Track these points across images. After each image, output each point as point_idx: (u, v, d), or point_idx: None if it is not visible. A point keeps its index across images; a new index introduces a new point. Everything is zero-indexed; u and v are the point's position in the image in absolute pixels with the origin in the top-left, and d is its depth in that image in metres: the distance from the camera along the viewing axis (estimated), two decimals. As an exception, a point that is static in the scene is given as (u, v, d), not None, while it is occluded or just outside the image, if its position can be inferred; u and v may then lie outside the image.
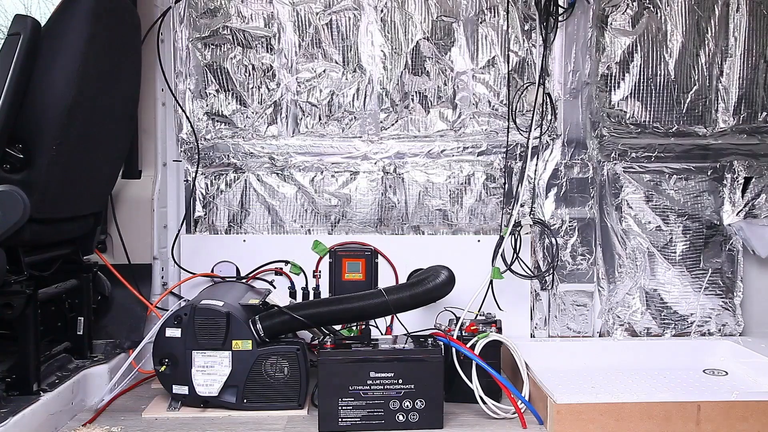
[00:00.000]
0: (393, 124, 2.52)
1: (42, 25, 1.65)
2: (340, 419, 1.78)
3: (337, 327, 2.07)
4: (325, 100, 2.51)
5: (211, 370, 1.88)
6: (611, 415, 1.67)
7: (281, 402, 1.90)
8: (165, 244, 2.46)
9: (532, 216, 2.48)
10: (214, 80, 2.49)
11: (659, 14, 2.47)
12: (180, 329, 1.88)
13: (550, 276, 2.47)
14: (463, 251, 2.43)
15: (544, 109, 2.49)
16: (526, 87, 2.50)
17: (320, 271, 2.30)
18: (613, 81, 2.49)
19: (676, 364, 2.22)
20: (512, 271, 2.37)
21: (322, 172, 2.52)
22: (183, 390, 1.89)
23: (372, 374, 1.76)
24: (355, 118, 2.51)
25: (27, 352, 1.74)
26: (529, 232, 2.46)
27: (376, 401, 1.78)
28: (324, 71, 2.49)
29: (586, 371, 2.20)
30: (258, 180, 2.52)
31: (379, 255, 2.19)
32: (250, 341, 1.88)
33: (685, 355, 2.28)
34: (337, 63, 2.50)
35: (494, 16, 2.50)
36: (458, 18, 2.49)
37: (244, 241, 2.48)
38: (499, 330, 2.03)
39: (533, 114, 2.47)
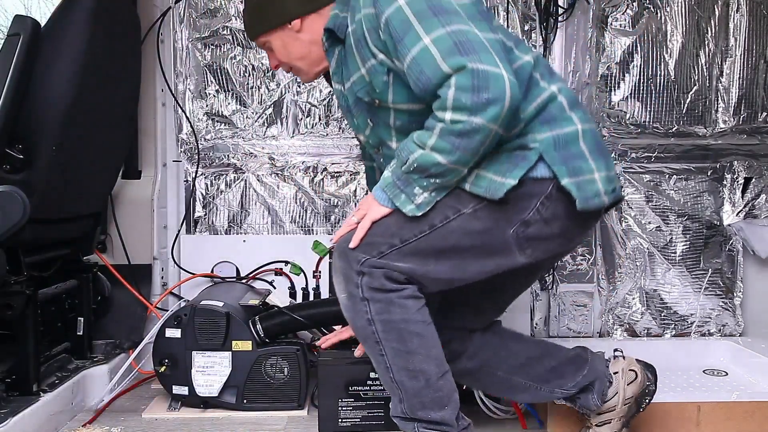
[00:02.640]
0: (393, 125, 2.52)
1: (42, 25, 1.65)
2: (340, 420, 1.78)
3: (337, 327, 2.07)
4: (324, 100, 2.51)
5: (211, 370, 1.88)
6: (611, 416, 1.67)
7: (281, 402, 1.90)
8: (165, 244, 2.46)
9: (532, 216, 2.47)
10: (214, 80, 2.49)
11: (659, 14, 2.47)
12: (180, 330, 1.88)
13: (550, 276, 2.47)
14: (463, 251, 2.43)
15: (544, 109, 2.48)
16: (526, 87, 2.49)
17: (320, 272, 2.29)
18: (613, 81, 2.49)
19: (676, 364, 2.22)
20: (512, 272, 2.37)
21: (322, 172, 2.52)
22: (183, 390, 1.89)
23: (372, 375, 1.76)
24: (355, 118, 2.51)
25: (27, 352, 1.74)
26: (529, 233, 2.46)
27: (376, 402, 1.78)
28: (324, 71, 2.49)
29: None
30: (258, 180, 2.52)
31: (379, 255, 2.18)
32: (249, 342, 1.88)
33: (685, 356, 2.29)
34: (337, 63, 2.49)
35: (494, 16, 2.49)
36: (458, 18, 2.49)
37: (244, 241, 2.48)
38: (499, 330, 2.03)
39: (533, 114, 2.47)
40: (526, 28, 2.49)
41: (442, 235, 1.35)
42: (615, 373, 1.61)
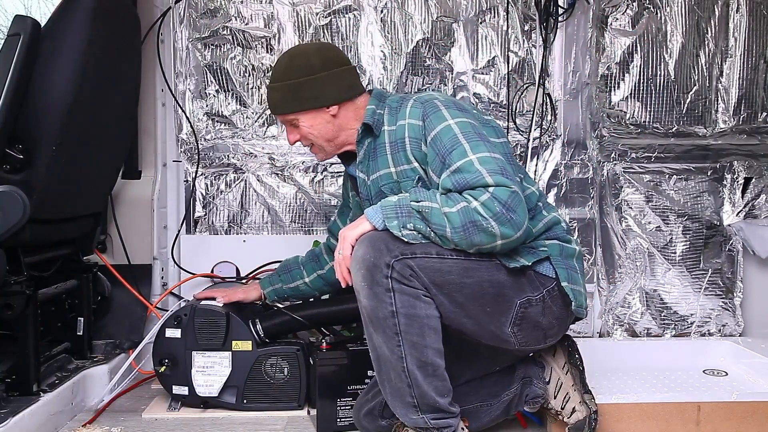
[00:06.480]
0: (393, 125, 2.52)
1: (42, 25, 1.66)
2: (338, 419, 1.78)
3: (337, 327, 2.07)
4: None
5: (210, 370, 1.88)
6: (611, 416, 1.67)
7: (281, 402, 1.90)
8: (165, 244, 2.46)
9: (532, 216, 2.47)
10: (214, 80, 2.49)
11: (659, 14, 2.47)
12: (180, 330, 1.88)
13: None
14: (463, 251, 2.43)
15: (544, 109, 2.49)
16: (526, 87, 2.50)
17: (320, 272, 2.29)
18: (613, 81, 2.49)
19: (676, 364, 2.22)
20: (512, 272, 2.37)
21: (322, 172, 2.53)
22: (183, 390, 1.89)
23: (370, 373, 1.76)
24: (355, 118, 2.51)
25: (27, 352, 1.74)
26: (529, 233, 2.46)
27: (375, 401, 1.77)
28: (324, 71, 2.49)
29: (586, 372, 2.19)
30: (258, 180, 2.52)
31: (379, 255, 2.18)
32: (249, 342, 1.88)
33: (685, 356, 2.28)
34: (337, 63, 2.49)
35: (494, 17, 2.50)
36: (458, 18, 2.49)
37: (244, 241, 2.48)
38: (499, 330, 2.03)
39: (533, 114, 2.48)
40: (526, 28, 2.49)
41: (472, 266, 1.44)
42: (539, 357, 1.72)
